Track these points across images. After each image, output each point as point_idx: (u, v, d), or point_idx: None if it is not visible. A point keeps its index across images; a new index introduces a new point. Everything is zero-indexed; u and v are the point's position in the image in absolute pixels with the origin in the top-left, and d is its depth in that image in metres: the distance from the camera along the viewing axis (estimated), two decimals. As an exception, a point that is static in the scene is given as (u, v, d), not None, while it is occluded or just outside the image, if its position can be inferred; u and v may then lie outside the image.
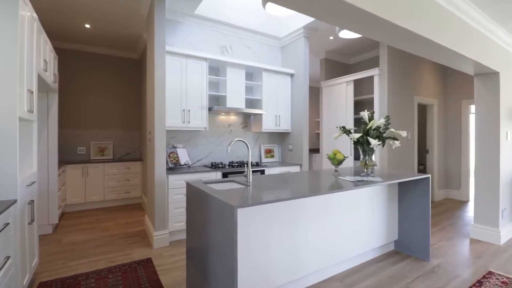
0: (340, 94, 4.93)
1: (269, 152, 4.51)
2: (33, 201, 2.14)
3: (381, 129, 2.47)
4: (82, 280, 2.27)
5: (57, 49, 4.72)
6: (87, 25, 4.06)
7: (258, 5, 3.50)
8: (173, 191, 3.14)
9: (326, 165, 5.25)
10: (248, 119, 4.33)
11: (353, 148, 4.77)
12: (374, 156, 2.57)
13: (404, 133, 2.51)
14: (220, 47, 4.04)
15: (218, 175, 3.44)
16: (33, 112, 2.18)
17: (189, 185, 2.10)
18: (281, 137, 4.63)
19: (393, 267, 2.59)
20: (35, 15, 2.31)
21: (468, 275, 2.47)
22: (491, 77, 3.29)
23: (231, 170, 3.52)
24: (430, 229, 3.08)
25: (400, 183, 2.93)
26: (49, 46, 2.99)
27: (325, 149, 5.28)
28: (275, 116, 4.23)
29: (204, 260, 1.81)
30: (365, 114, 2.56)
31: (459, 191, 5.38)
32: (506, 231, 3.28)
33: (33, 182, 2.18)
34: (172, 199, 3.14)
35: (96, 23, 4.02)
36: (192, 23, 3.79)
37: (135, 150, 5.43)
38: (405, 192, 2.91)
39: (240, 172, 3.59)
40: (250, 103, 4.27)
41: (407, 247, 2.89)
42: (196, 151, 3.86)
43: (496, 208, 3.21)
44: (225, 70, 3.77)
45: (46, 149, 3.38)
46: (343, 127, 2.65)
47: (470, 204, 5.05)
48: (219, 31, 4.02)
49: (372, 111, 2.61)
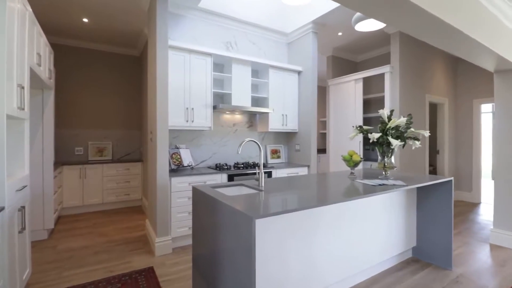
0: (349, 93, 4.75)
1: (275, 153, 4.32)
2: (24, 207, 1.94)
3: (402, 129, 2.29)
4: (78, 293, 2.08)
5: (54, 45, 4.53)
6: (85, 19, 3.86)
7: (266, -2, 3.32)
8: (176, 195, 2.95)
9: (333, 167, 5.06)
10: (254, 118, 4.14)
11: (363, 149, 4.59)
12: (394, 158, 2.39)
13: (427, 133, 2.32)
14: (225, 43, 3.85)
15: (224, 177, 3.25)
16: (24, 110, 1.98)
17: (196, 190, 1.91)
18: (288, 137, 4.44)
19: (414, 277, 2.41)
20: (29, 7, 2.13)
21: (495, 286, 2.29)
22: (513, 74, 3.12)
23: (237, 172, 3.33)
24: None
25: (419, 186, 2.75)
26: (44, 40, 2.80)
27: (332, 150, 5.09)
28: (282, 115, 4.04)
29: (213, 271, 1.62)
30: (384, 112, 2.37)
31: (471, 193, 5.20)
32: (529, 237, 3.10)
33: (24, 186, 1.98)
34: (175, 203, 2.95)
35: (94, 17, 3.83)
36: (196, 17, 3.60)
37: (135, 151, 5.24)
38: (424, 196, 2.72)
39: (246, 174, 3.40)
40: (256, 102, 4.08)
41: (427, 254, 2.71)
42: (200, 152, 3.67)
43: (519, 212, 3.03)
44: (230, 67, 3.58)
45: (41, 150, 3.18)
46: (360, 127, 2.46)
47: (482, 207, 4.87)
48: (224, 26, 3.83)
49: (392, 110, 2.42)
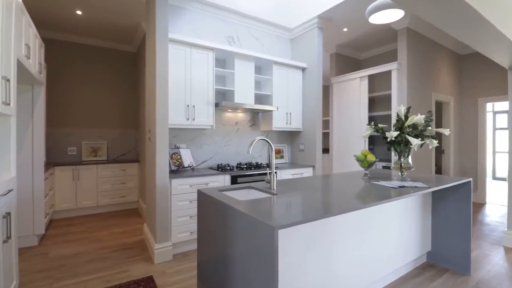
0: (353, 91, 4.61)
1: (278, 153, 4.16)
2: (10, 214, 1.75)
3: (421, 127, 2.14)
4: (71, 308, 1.89)
5: (46, 39, 4.30)
6: (78, 12, 3.65)
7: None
8: (177, 197, 2.77)
9: (337, 167, 4.93)
10: (256, 117, 3.97)
11: (367, 148, 4.46)
12: (411, 158, 2.24)
13: (447, 131, 2.18)
14: (227, 37, 3.67)
15: (227, 179, 3.08)
16: (10, 105, 1.79)
17: (202, 194, 1.73)
18: (291, 137, 4.29)
19: (433, 284, 2.26)
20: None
21: (518, 293, 2.16)
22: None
23: (241, 173, 3.16)
24: (471, 240, 2.76)
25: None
26: (33, 31, 2.59)
27: (336, 149, 4.95)
28: (286, 114, 3.88)
29: (222, 282, 1.45)
30: (402, 109, 2.23)
31: (476, 194, 5.11)
32: (544, 239, 2.99)
33: (10, 190, 1.78)
34: (176, 206, 2.76)
35: (88, 9, 3.62)
36: (196, 10, 3.41)
37: (132, 151, 5.03)
38: (440, 198, 2.59)
39: (251, 175, 3.23)
40: (259, 99, 3.91)
41: (443, 259, 2.57)
42: (201, 152, 3.49)
43: (534, 214, 2.92)
44: (233, 62, 3.41)
45: (31, 150, 2.97)
46: (375, 124, 2.31)
47: (488, 207, 4.78)
48: (226, 20, 3.65)
49: (409, 106, 2.28)
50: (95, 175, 4.28)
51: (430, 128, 2.24)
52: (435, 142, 2.25)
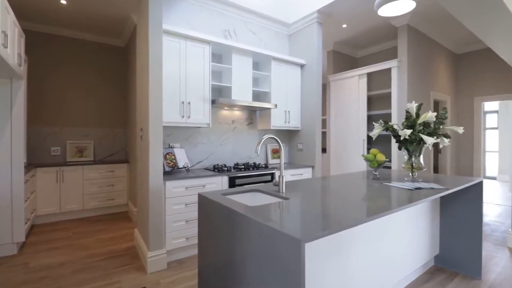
0: (351, 89, 4.51)
1: (276, 152, 4.00)
2: (-19, 223, 1.51)
3: (435, 125, 2.03)
4: (54, 328, 1.67)
5: (27, 31, 3.99)
6: (63, 1, 3.38)
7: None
8: (171, 201, 2.57)
9: (334, 167, 4.82)
10: (254, 115, 3.80)
11: (366, 148, 4.37)
12: (422, 158, 2.13)
13: (461, 129, 2.08)
14: (223, 31, 3.49)
15: (224, 180, 2.90)
16: (-19, 98, 1.55)
17: (204, 198, 1.55)
18: (289, 136, 4.14)
19: (445, 290, 2.16)
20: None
21: (532, 298, 2.08)
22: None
23: (239, 174, 2.99)
24: (482, 242, 2.67)
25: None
26: (12, 17, 2.34)
27: (333, 149, 4.84)
28: (285, 112, 3.73)
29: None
30: (413, 106, 2.11)
31: (472, 193, 5.10)
32: (548, 240, 2.95)
33: (-19, 196, 1.55)
34: (170, 210, 2.56)
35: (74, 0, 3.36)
36: (191, 1, 3.21)
37: (120, 151, 4.76)
38: (449, 199, 2.49)
39: (249, 176, 3.06)
40: (256, 97, 3.75)
41: (451, 263, 2.47)
42: (196, 152, 3.29)
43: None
44: (230, 57, 3.23)
45: (9, 150, 2.70)
46: (385, 122, 2.19)
47: (486, 207, 4.77)
48: (222, 13, 3.47)
49: (421, 103, 2.16)
50: (81, 177, 4.01)
51: (441, 126, 2.13)
52: (447, 141, 2.15)
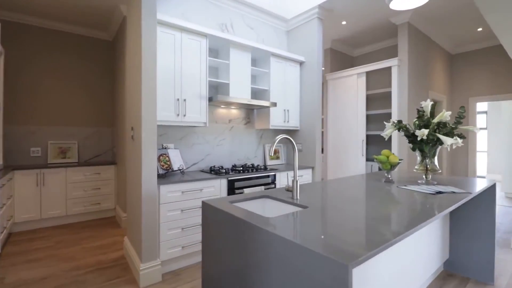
0: (350, 88, 4.40)
1: (274, 153, 3.84)
2: None
3: (452, 124, 1.92)
4: None
5: (5, 22, 3.65)
6: (43, -12, 3.09)
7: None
8: (166, 207, 2.35)
9: (332, 168, 4.70)
10: (251, 114, 3.62)
11: (365, 148, 4.27)
12: (437, 159, 2.02)
13: (477, 129, 1.97)
14: (219, 25, 3.29)
15: (223, 183, 2.70)
16: None
17: (209, 207, 1.36)
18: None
19: (460, 299, 2.05)
20: None
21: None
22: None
23: (238, 177, 2.80)
24: (495, 246, 2.58)
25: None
26: (-18, 2, 2.06)
27: (331, 150, 4.73)
28: (284, 111, 3.57)
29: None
30: (428, 105, 1.99)
31: (466, 193, 5.12)
32: (551, 241, 2.92)
33: None
34: (165, 217, 2.35)
35: (56, -14, 3.08)
36: (186, -9, 3.00)
37: (107, 151, 4.47)
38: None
39: (249, 179, 2.88)
40: (254, 95, 3.57)
41: (462, 268, 2.38)
42: (191, 153, 3.08)
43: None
44: (228, 52, 3.04)
45: (-19, 151, 2.41)
46: (399, 121, 2.06)
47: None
48: (219, 5, 3.27)
49: (435, 102, 2.05)
50: (64, 180, 3.71)
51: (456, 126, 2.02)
52: (460, 141, 2.04)
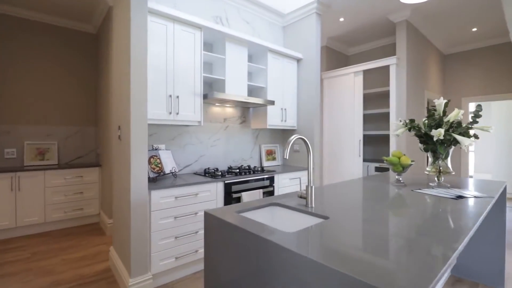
0: (347, 87, 4.30)
1: (270, 154, 3.67)
2: None
3: (467, 123, 1.81)
4: None
5: (-30, 9, 3.31)
6: (17, -29, 2.79)
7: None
8: (158, 214, 2.13)
9: (328, 170, 4.59)
10: (247, 113, 3.44)
11: (362, 149, 4.17)
12: (450, 161, 1.92)
13: (491, 129, 1.88)
14: (214, 17, 3.09)
15: (219, 187, 2.51)
16: None
17: (214, 219, 1.17)
18: (284, 136, 3.82)
19: (473, 308, 1.95)
20: None
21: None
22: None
23: (235, 180, 2.61)
24: (506, 251, 2.52)
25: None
26: None
27: (327, 150, 4.61)
28: (281, 109, 3.41)
29: None
30: (442, 103, 1.87)
31: (459, 193, 5.14)
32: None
33: None
34: (157, 226, 2.13)
35: (32, -30, 2.78)
36: (178, -20, 2.78)
37: (90, 152, 4.17)
38: (467, 204, 2.31)
39: (246, 182, 2.70)
40: (250, 92, 3.39)
41: (470, 273, 2.29)
42: (183, 154, 2.86)
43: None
44: (223, 46, 2.84)
45: None
46: (411, 120, 1.94)
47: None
48: (213, -4, 3.07)
49: (448, 100, 1.94)
50: (42, 184, 3.39)
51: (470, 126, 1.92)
52: (472, 141, 1.94)
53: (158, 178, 2.43)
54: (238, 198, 2.63)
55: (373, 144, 4.68)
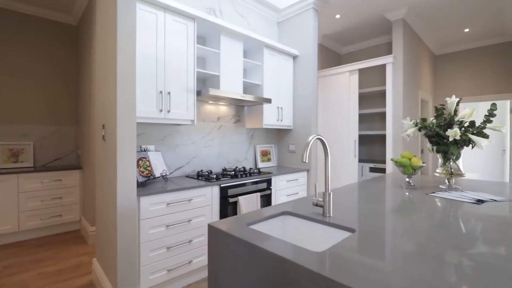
0: (342, 86, 4.21)
1: (265, 155, 3.51)
2: None
3: (481, 124, 1.72)
4: None
5: None
6: (-15, -49, 2.49)
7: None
8: (148, 223, 1.92)
9: (322, 170, 4.48)
10: (242, 111, 3.26)
11: (357, 149, 4.09)
12: (461, 162, 1.83)
13: (503, 129, 1.80)
14: (207, 9, 2.89)
15: (215, 191, 2.32)
16: None
17: (221, 234, 1.00)
18: (279, 136, 3.67)
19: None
20: None
21: None
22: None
23: (231, 183, 2.43)
24: None
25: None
26: None
27: (321, 150, 4.51)
28: (278, 108, 3.26)
29: None
30: (454, 101, 1.78)
31: (449, 193, 5.18)
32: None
33: None
34: (146, 236, 1.92)
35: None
36: (168, -33, 2.57)
37: (70, 154, 3.85)
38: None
39: (243, 185, 2.52)
40: (245, 90, 3.22)
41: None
42: (175, 156, 2.65)
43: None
44: (218, 40, 2.66)
45: None
46: (423, 119, 1.83)
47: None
48: (206, -13, 2.87)
49: (460, 98, 1.85)
50: (15, 188, 3.08)
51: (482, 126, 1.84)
52: (486, 142, 1.86)
53: (148, 183, 2.21)
54: (235, 203, 2.45)
55: (367, 144, 4.63)
